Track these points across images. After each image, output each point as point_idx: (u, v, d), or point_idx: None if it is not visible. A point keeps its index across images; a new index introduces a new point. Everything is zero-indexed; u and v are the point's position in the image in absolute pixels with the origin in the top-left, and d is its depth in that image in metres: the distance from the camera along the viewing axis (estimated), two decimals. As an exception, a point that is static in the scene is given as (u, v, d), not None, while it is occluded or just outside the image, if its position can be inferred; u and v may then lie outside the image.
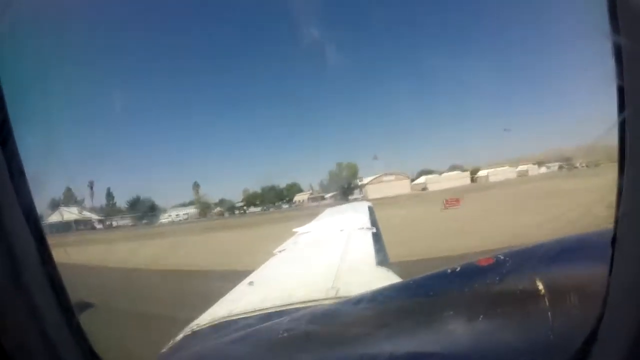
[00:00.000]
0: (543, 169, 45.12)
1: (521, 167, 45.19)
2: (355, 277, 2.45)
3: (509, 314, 1.18)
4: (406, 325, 1.26)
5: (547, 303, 1.13)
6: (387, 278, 2.38)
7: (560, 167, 45.51)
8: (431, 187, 37.73)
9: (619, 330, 0.85)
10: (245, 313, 1.87)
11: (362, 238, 3.88)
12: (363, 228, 4.38)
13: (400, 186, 36.49)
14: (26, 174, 0.99)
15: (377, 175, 37.81)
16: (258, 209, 37.55)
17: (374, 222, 4.80)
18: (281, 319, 1.48)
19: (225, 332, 1.59)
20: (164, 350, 1.63)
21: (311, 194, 40.47)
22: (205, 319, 1.91)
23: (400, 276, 2.31)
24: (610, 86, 0.85)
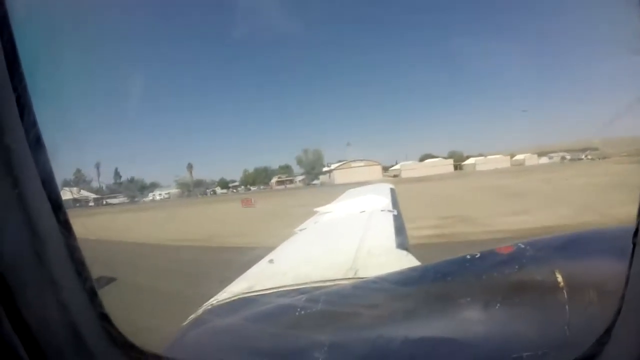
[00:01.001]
0: (544, 159, 43.99)
1: (518, 157, 45.06)
2: (374, 258, 2.45)
3: (525, 304, 1.15)
4: (422, 310, 1.25)
5: (565, 296, 1.09)
6: (406, 261, 2.36)
7: (563, 158, 45.13)
8: (405, 174, 38.56)
9: (634, 329, 0.81)
10: (264, 290, 1.92)
11: (382, 220, 3.85)
12: (384, 210, 4.34)
13: (370, 172, 37.17)
14: (46, 147, 1.01)
15: (345, 161, 39.15)
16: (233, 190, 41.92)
17: (395, 204, 4.74)
18: (299, 297, 1.50)
19: (244, 309, 1.63)
20: (184, 324, 1.70)
21: (279, 177, 42.52)
22: (224, 295, 1.97)
23: (420, 260, 2.29)
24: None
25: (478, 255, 1.33)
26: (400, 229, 3.45)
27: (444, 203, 20.63)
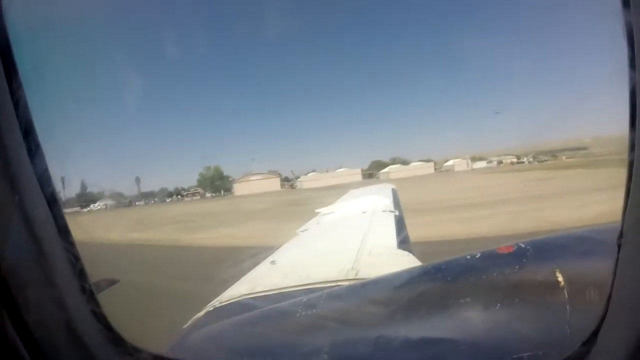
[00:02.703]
0: (481, 164, 45.80)
1: (449, 163, 46.74)
2: (376, 259, 2.45)
3: (525, 303, 1.15)
4: (423, 310, 1.25)
5: (566, 295, 1.08)
6: (407, 261, 2.36)
7: (499, 163, 46.24)
8: (306, 185, 40.84)
9: (619, 331, 0.82)
10: (266, 291, 1.92)
11: (384, 221, 3.85)
12: (386, 211, 4.34)
13: (268, 184, 40.60)
14: (42, 149, 1.02)
15: (244, 175, 42.43)
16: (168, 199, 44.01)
17: (397, 205, 4.74)
18: (300, 298, 1.51)
19: (246, 309, 1.64)
20: (186, 325, 1.71)
21: (195, 190, 45.79)
22: (227, 296, 1.98)
23: (421, 260, 2.29)
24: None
25: (478, 255, 1.33)
26: (401, 229, 3.44)
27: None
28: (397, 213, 4.18)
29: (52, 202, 1.02)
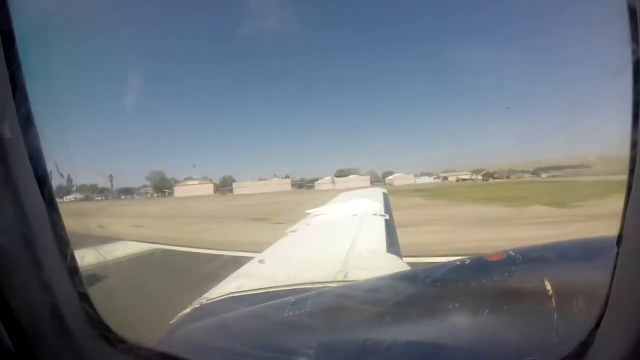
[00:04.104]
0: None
1: (390, 177, 48.93)
2: (365, 262, 2.46)
3: (514, 311, 1.16)
4: (411, 314, 1.26)
5: (554, 304, 1.10)
6: (396, 265, 2.37)
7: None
8: (237, 191, 46.43)
9: (615, 336, 0.83)
10: (253, 290, 1.91)
11: (374, 224, 3.87)
12: (376, 214, 4.36)
13: (202, 189, 45.96)
14: (39, 137, 1.01)
15: (184, 179, 47.98)
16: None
17: (387, 209, 4.77)
18: (288, 298, 1.50)
19: (233, 307, 1.63)
20: (172, 321, 1.69)
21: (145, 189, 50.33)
22: (214, 293, 1.96)
23: (410, 265, 2.30)
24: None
25: (468, 261, 1.34)
26: (391, 233, 3.46)
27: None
28: (387, 217, 4.20)
29: (43, 185, 1.00)
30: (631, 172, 0.81)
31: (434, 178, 48.96)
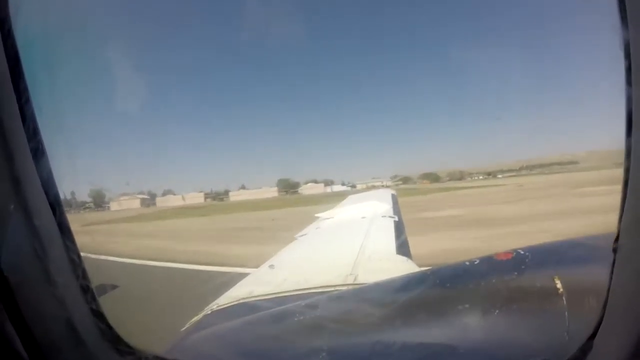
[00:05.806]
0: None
1: (305, 186, 48.83)
2: (375, 264, 2.45)
3: (524, 310, 1.15)
4: (421, 316, 1.25)
5: (564, 302, 1.08)
6: (406, 267, 2.36)
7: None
8: (160, 204, 48.94)
9: (616, 335, 0.82)
10: (264, 295, 1.92)
11: (383, 226, 3.85)
12: (385, 216, 4.34)
13: (133, 203, 48.67)
14: (46, 150, 1.03)
15: (120, 194, 48.91)
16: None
17: (396, 211, 4.74)
18: (298, 302, 1.51)
19: (244, 313, 1.63)
20: (183, 328, 1.70)
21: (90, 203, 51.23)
22: (225, 299, 1.97)
23: (420, 266, 2.29)
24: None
25: (477, 261, 1.33)
26: (400, 235, 3.45)
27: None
28: (396, 219, 4.18)
29: (54, 200, 1.03)
30: (626, 173, 0.79)
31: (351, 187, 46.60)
